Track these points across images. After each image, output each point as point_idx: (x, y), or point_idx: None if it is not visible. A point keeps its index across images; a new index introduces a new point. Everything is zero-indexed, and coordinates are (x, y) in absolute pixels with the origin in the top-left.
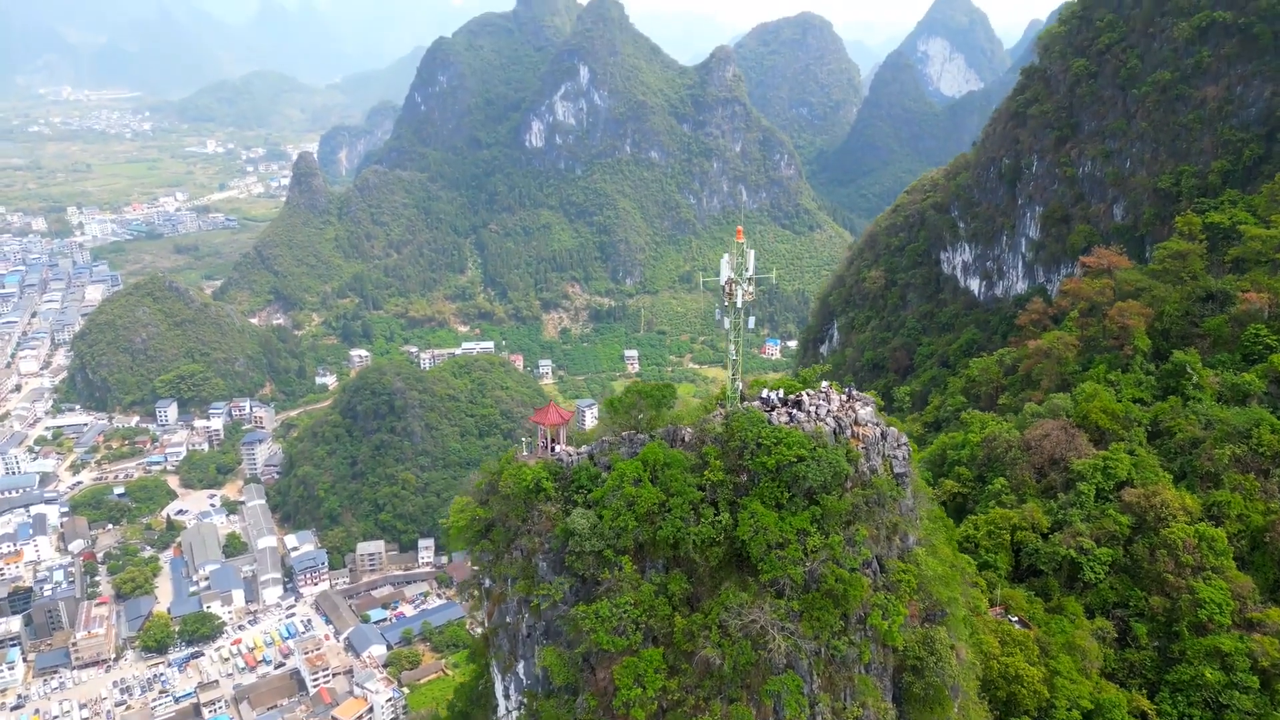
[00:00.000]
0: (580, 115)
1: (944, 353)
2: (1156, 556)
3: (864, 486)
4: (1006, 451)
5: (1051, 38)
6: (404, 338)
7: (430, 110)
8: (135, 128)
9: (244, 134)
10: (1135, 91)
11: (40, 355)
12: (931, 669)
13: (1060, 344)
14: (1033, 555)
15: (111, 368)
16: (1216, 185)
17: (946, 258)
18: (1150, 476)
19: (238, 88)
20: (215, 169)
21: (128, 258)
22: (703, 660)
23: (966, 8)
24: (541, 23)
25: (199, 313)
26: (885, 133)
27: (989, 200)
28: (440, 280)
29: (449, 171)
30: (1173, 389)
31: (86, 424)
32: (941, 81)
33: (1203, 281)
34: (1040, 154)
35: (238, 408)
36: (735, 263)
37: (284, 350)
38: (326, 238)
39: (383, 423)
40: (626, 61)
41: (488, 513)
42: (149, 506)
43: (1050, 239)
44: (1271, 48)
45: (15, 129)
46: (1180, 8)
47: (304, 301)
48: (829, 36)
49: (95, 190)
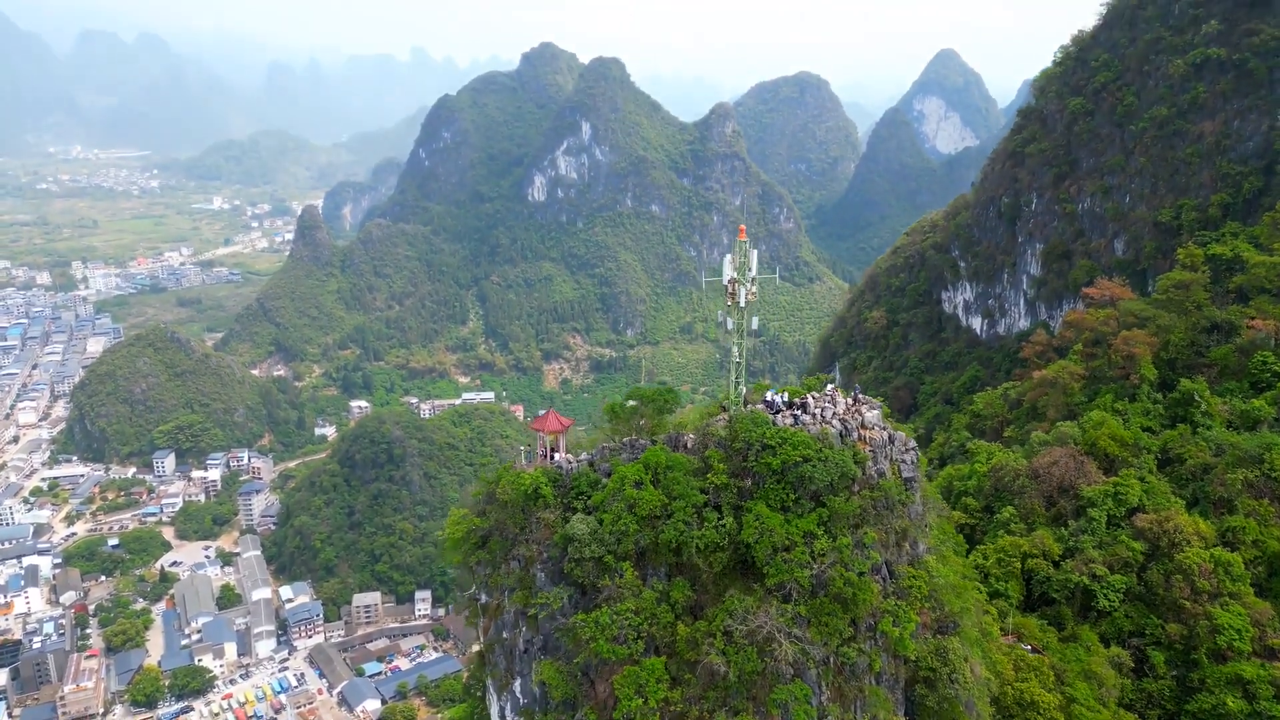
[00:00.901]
0: (582, 169)
1: (947, 391)
2: (1172, 582)
3: (872, 489)
4: (1014, 480)
5: (1047, 79)
6: (404, 389)
7: (434, 165)
8: (143, 185)
9: (250, 191)
10: (1132, 128)
11: (39, 407)
12: (945, 681)
13: (1065, 374)
14: (1044, 584)
15: (110, 418)
16: (1217, 218)
17: (948, 297)
18: (1162, 502)
19: (245, 146)
20: (221, 225)
21: (130, 311)
22: (707, 668)
23: (961, 68)
24: (544, 81)
25: (199, 363)
26: (883, 188)
27: (989, 239)
28: (441, 331)
29: (452, 224)
30: (1181, 417)
31: (83, 475)
32: (938, 139)
33: (1207, 312)
34: (1039, 192)
35: (236, 458)
36: (738, 262)
37: (284, 401)
38: (329, 290)
39: (381, 471)
40: (627, 118)
41: (485, 522)
42: (143, 558)
43: (1051, 275)
44: (1266, 82)
45: (24, 186)
46: (1174, 46)
47: (305, 353)
48: (826, 95)
49: (101, 245)
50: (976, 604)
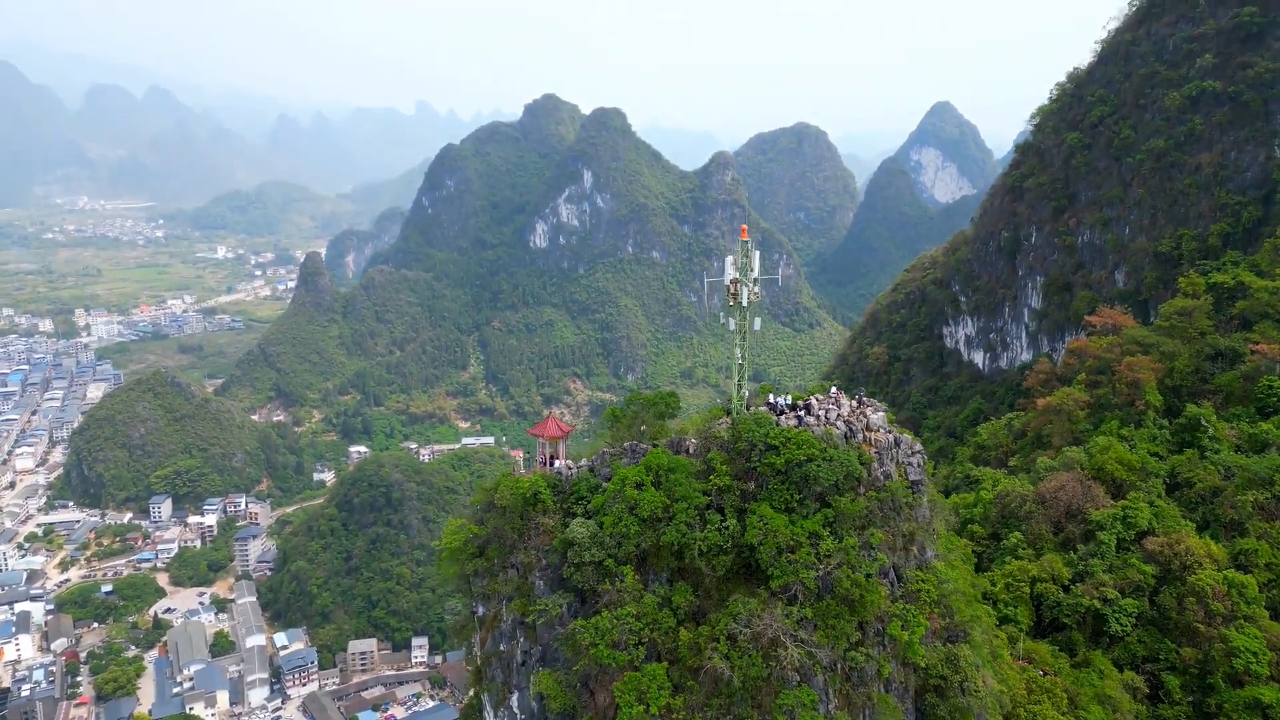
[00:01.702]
0: (583, 217)
1: (950, 424)
2: (1185, 605)
3: (877, 491)
4: (1021, 505)
5: (1044, 115)
6: (404, 434)
7: (437, 213)
8: (148, 235)
9: (254, 240)
10: (1130, 160)
11: (37, 452)
12: (956, 690)
13: (1070, 400)
14: (1054, 609)
15: (108, 463)
16: (1217, 248)
17: (949, 332)
18: (1172, 525)
19: (250, 196)
20: (224, 273)
21: (132, 357)
22: (710, 673)
23: (956, 120)
24: (546, 131)
25: (199, 408)
26: (881, 235)
27: (989, 273)
28: (442, 376)
29: (454, 271)
30: (1188, 443)
31: (79, 521)
32: (935, 189)
33: (1210, 339)
34: (1039, 225)
35: (233, 504)
36: (740, 262)
37: (283, 446)
38: (330, 335)
39: (379, 515)
40: (628, 166)
41: (483, 530)
42: (136, 604)
43: (1053, 307)
44: (1262, 114)
45: (30, 236)
46: (1170, 80)
47: (305, 398)
48: (824, 145)
49: (104, 293)
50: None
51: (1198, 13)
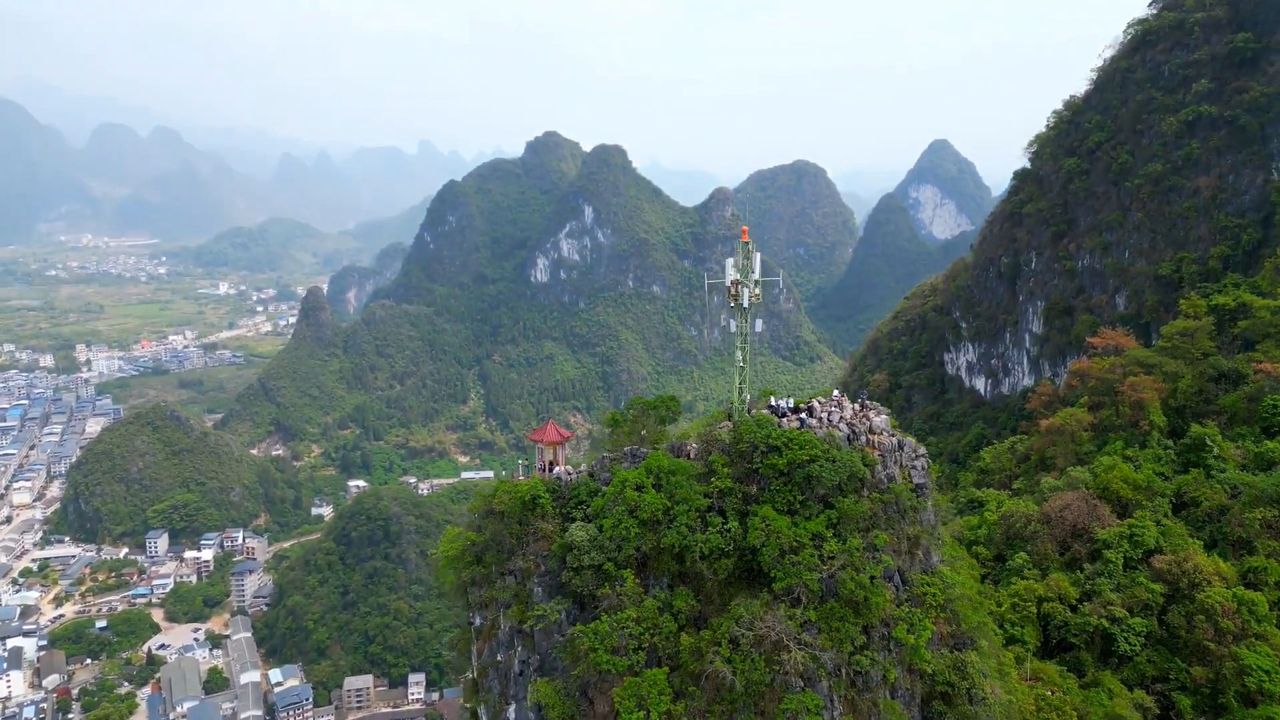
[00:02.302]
0: (584, 251)
1: (953, 450)
2: (1194, 623)
3: (881, 493)
4: (1026, 525)
5: (1041, 142)
6: (403, 468)
7: (439, 248)
8: (150, 271)
9: (256, 277)
10: (1128, 185)
11: (35, 487)
12: (964, 698)
13: (1073, 421)
14: (1062, 628)
15: (105, 498)
16: (1217, 270)
17: (950, 358)
18: (1179, 543)
19: (253, 234)
20: (226, 309)
21: (131, 392)
22: (713, 677)
23: (954, 157)
24: (548, 168)
25: (198, 442)
26: (881, 270)
27: (990, 299)
28: (442, 411)
29: (455, 306)
30: (1193, 463)
31: (74, 556)
32: (934, 225)
33: (1213, 361)
34: (1038, 250)
35: (230, 538)
36: (741, 263)
37: (281, 481)
38: (331, 369)
39: (377, 549)
40: (629, 202)
41: (481, 537)
42: (130, 640)
43: (1054, 331)
44: (1259, 137)
45: (33, 273)
46: (1166, 105)
47: (305, 432)
48: (823, 182)
49: (106, 329)
50: (994, 635)
51: (1193, 39)
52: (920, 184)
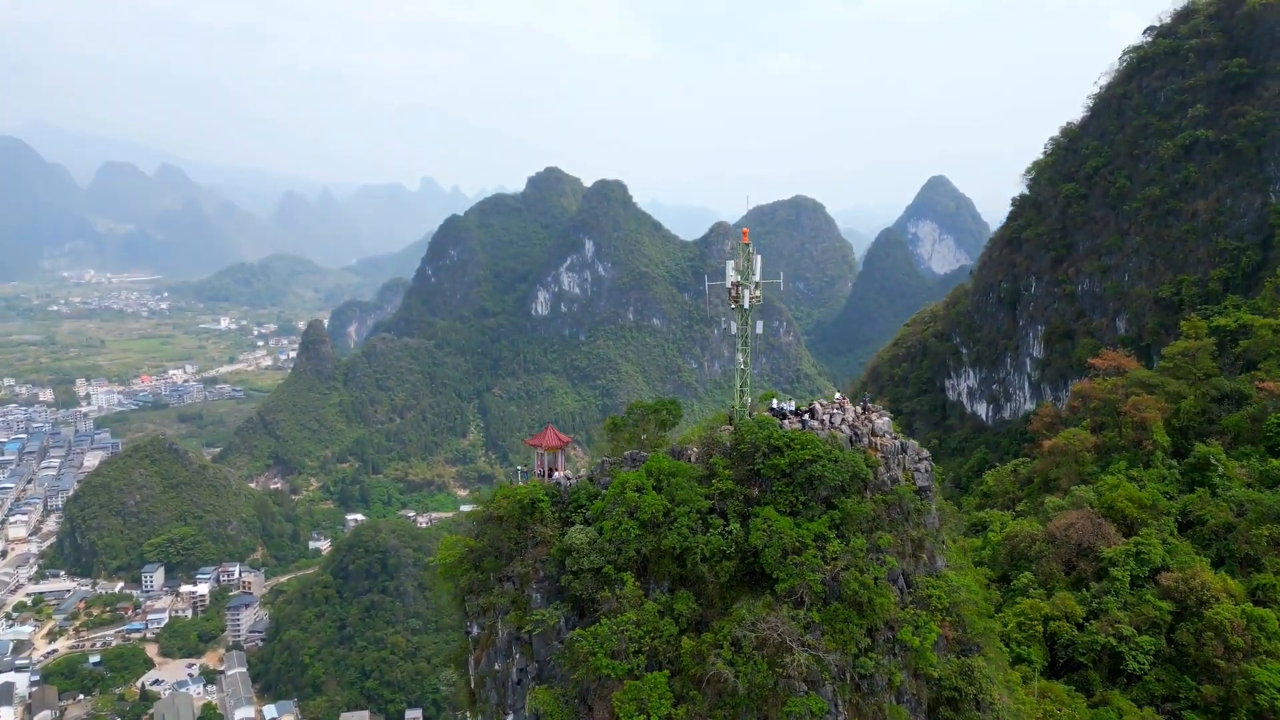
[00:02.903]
0: (585, 285)
1: (956, 475)
2: (1203, 641)
3: (884, 494)
4: (1031, 545)
5: (1039, 168)
6: (401, 502)
7: (440, 282)
8: (152, 307)
9: (257, 312)
10: (1126, 208)
11: (31, 521)
12: (971, 703)
13: (1076, 441)
14: (1069, 647)
15: (101, 531)
16: (1217, 292)
17: (951, 384)
18: (1186, 561)
19: (255, 269)
20: (227, 344)
21: (131, 426)
22: (715, 680)
23: (952, 194)
24: (549, 203)
25: (196, 475)
26: (880, 304)
27: (990, 324)
28: (441, 444)
29: (455, 339)
30: (1198, 482)
31: (69, 590)
32: (933, 260)
33: (1216, 382)
34: (1038, 275)
35: (226, 573)
36: (742, 265)
37: (279, 514)
38: (330, 403)
39: (374, 583)
40: (629, 235)
41: (479, 543)
42: (124, 676)
43: (1055, 355)
44: (1256, 160)
45: (35, 308)
46: (1163, 130)
47: (303, 466)
48: (822, 217)
49: (106, 364)
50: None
51: (1188, 65)
52: (919, 219)
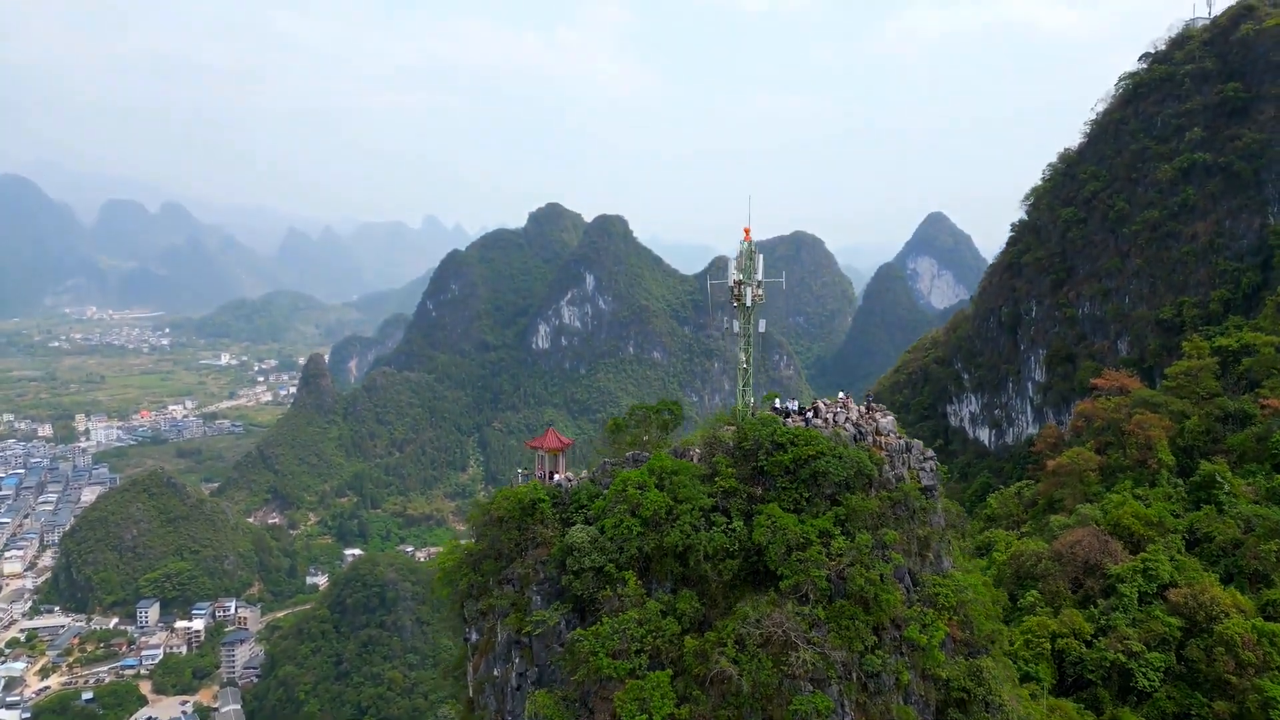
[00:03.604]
0: (585, 318)
1: (959, 499)
2: (1214, 656)
3: (890, 492)
4: (1036, 564)
5: (1038, 194)
6: (400, 536)
7: (441, 316)
8: (153, 343)
9: (258, 348)
10: (1126, 231)
11: (26, 556)
12: (980, 705)
13: (1081, 460)
14: (1077, 665)
15: (97, 566)
16: (1219, 313)
17: (953, 410)
18: (1195, 577)
19: (256, 306)
20: (227, 379)
21: (129, 461)
22: (719, 678)
23: (951, 230)
24: (550, 238)
25: (193, 509)
26: (880, 339)
27: (991, 349)
28: (441, 478)
29: (456, 373)
30: (1205, 500)
31: (63, 626)
32: (932, 296)
33: (1219, 402)
34: (1038, 299)
35: (222, 608)
36: (744, 264)
37: (276, 549)
38: (330, 437)
39: (372, 617)
40: (630, 269)
41: (479, 546)
42: (117, 713)
43: (1056, 379)
44: (1254, 183)
45: (36, 344)
46: (1160, 154)
47: (302, 500)
48: (821, 252)
49: (106, 399)
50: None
51: (1183, 90)
52: (918, 255)
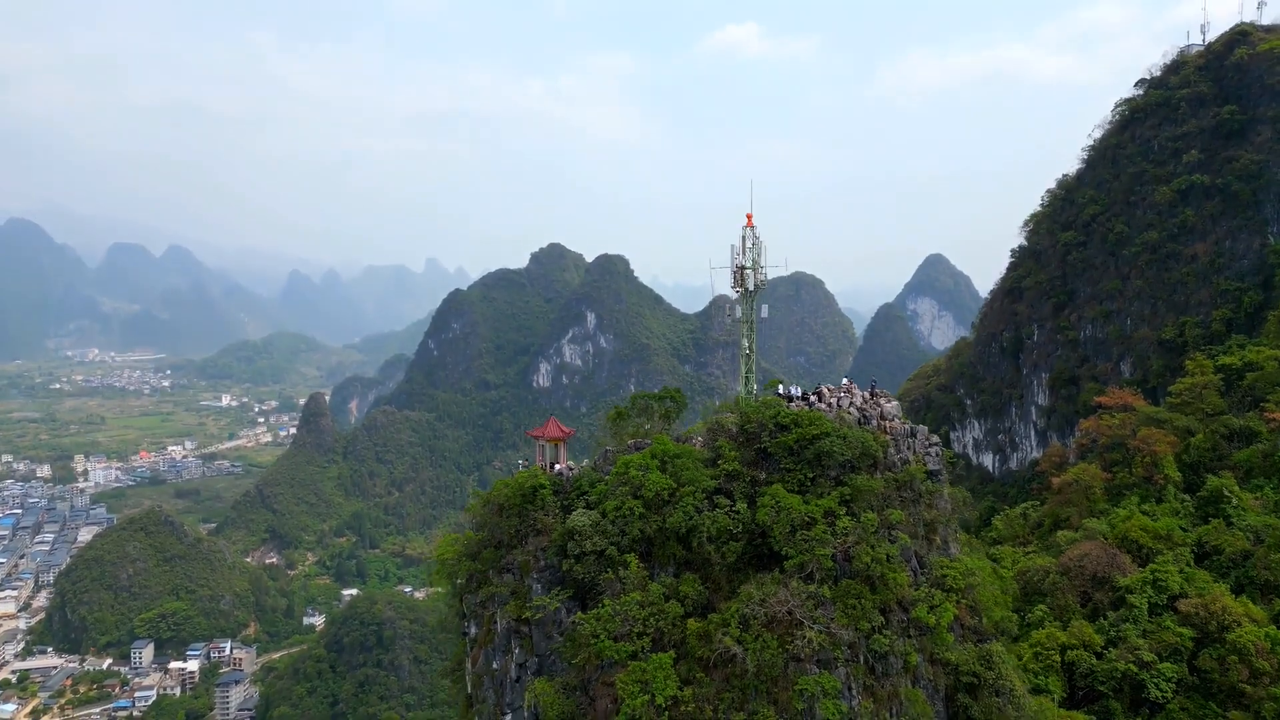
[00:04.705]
0: (586, 357)
1: (964, 523)
2: (1227, 665)
3: (895, 473)
4: (1044, 579)
5: (1037, 220)
6: (398, 577)
7: (442, 355)
8: (154, 384)
9: (259, 389)
10: (1126, 253)
11: (21, 596)
12: (990, 689)
13: (1087, 475)
14: (1088, 677)
15: (92, 605)
16: (1221, 333)
17: (956, 437)
18: (1205, 587)
19: (258, 347)
20: (227, 420)
21: (127, 502)
22: (722, 659)
23: (950, 271)
24: (552, 277)
25: (190, 548)
26: (882, 378)
27: (993, 374)
28: (440, 518)
29: (457, 411)
30: (1212, 515)
31: (56, 667)
32: (933, 336)
33: (1225, 420)
34: (1040, 323)
35: (217, 649)
36: (746, 248)
37: (274, 589)
38: (329, 476)
39: (369, 656)
40: (631, 308)
41: (479, 535)
42: None
43: (1060, 401)
44: (1252, 203)
45: (37, 386)
46: (1158, 176)
47: (300, 540)
48: (821, 293)
49: (106, 440)
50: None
51: (1179, 114)
52: (918, 296)
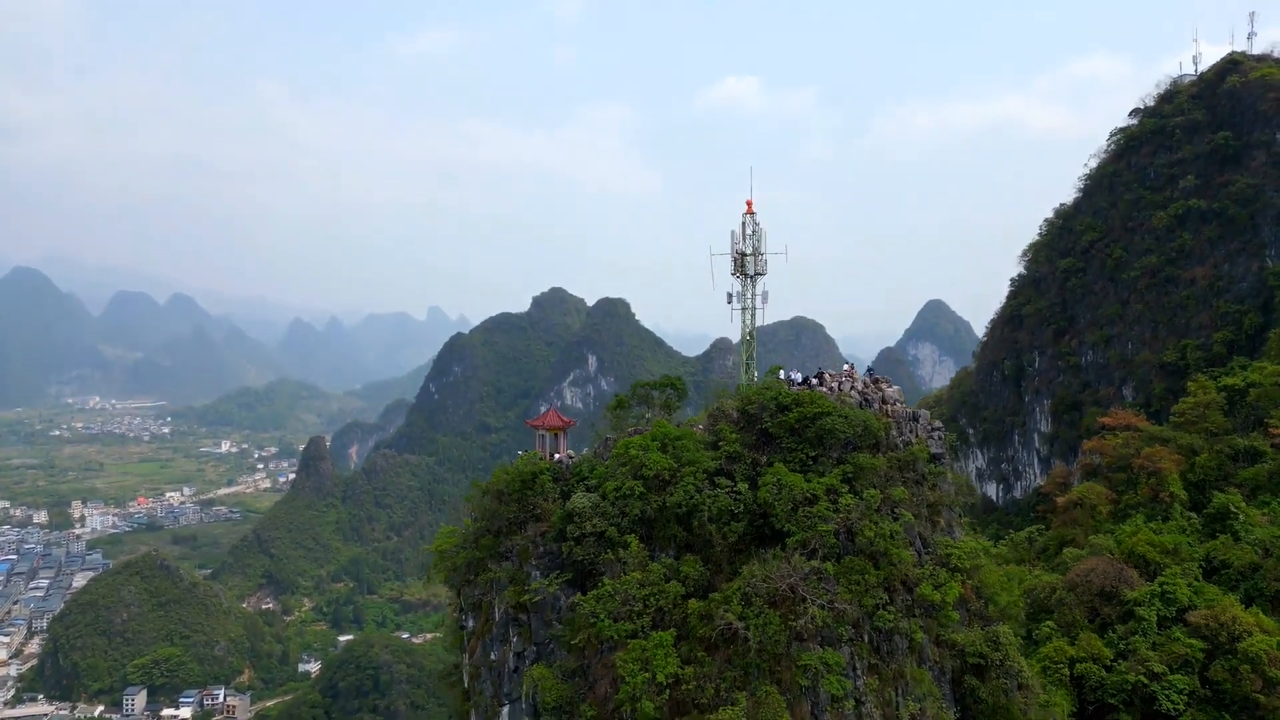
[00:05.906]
0: (587, 399)
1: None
2: (1239, 675)
3: (898, 454)
4: (1051, 595)
5: (1035, 248)
6: (396, 623)
7: (443, 399)
8: (154, 431)
9: (259, 436)
10: (1125, 278)
11: (13, 643)
12: (997, 670)
13: (1093, 493)
14: (1098, 689)
15: (85, 651)
16: (1223, 355)
17: (959, 467)
18: (1214, 599)
19: (259, 394)
20: (226, 467)
21: (123, 548)
22: (724, 636)
23: (950, 317)
24: (553, 321)
25: (186, 593)
26: None
27: (995, 403)
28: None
29: (457, 455)
30: (1220, 531)
31: (46, 715)
32: (933, 382)
33: (1229, 440)
34: (1040, 349)
35: (210, 696)
36: (746, 234)
37: (269, 635)
38: (328, 520)
39: (365, 701)
40: (632, 351)
41: (478, 525)
42: None
43: (1063, 427)
44: (1249, 226)
45: (37, 433)
46: (1155, 202)
47: (297, 585)
48: (822, 336)
49: (104, 487)
50: None
51: (1174, 141)
52: (919, 341)
